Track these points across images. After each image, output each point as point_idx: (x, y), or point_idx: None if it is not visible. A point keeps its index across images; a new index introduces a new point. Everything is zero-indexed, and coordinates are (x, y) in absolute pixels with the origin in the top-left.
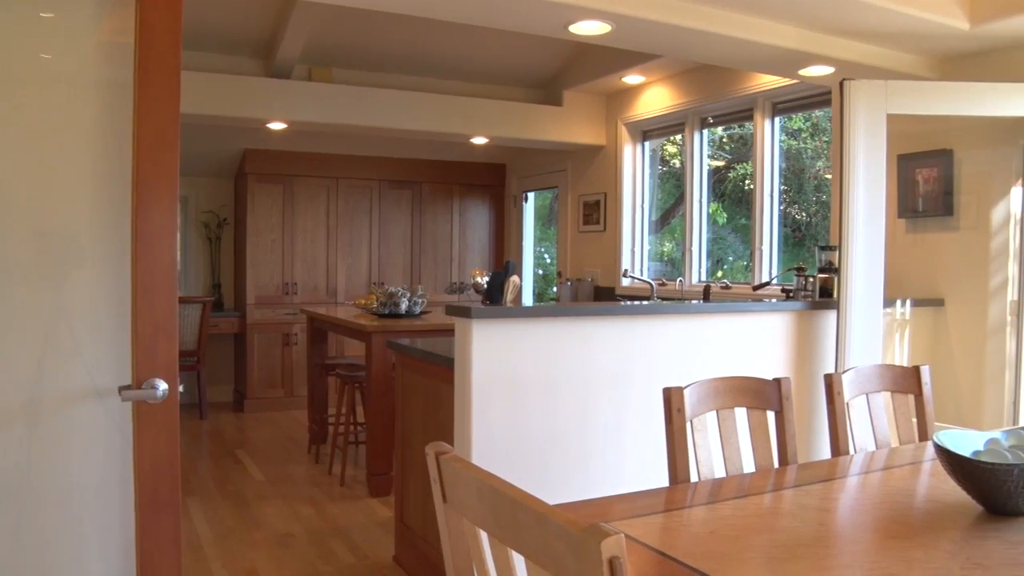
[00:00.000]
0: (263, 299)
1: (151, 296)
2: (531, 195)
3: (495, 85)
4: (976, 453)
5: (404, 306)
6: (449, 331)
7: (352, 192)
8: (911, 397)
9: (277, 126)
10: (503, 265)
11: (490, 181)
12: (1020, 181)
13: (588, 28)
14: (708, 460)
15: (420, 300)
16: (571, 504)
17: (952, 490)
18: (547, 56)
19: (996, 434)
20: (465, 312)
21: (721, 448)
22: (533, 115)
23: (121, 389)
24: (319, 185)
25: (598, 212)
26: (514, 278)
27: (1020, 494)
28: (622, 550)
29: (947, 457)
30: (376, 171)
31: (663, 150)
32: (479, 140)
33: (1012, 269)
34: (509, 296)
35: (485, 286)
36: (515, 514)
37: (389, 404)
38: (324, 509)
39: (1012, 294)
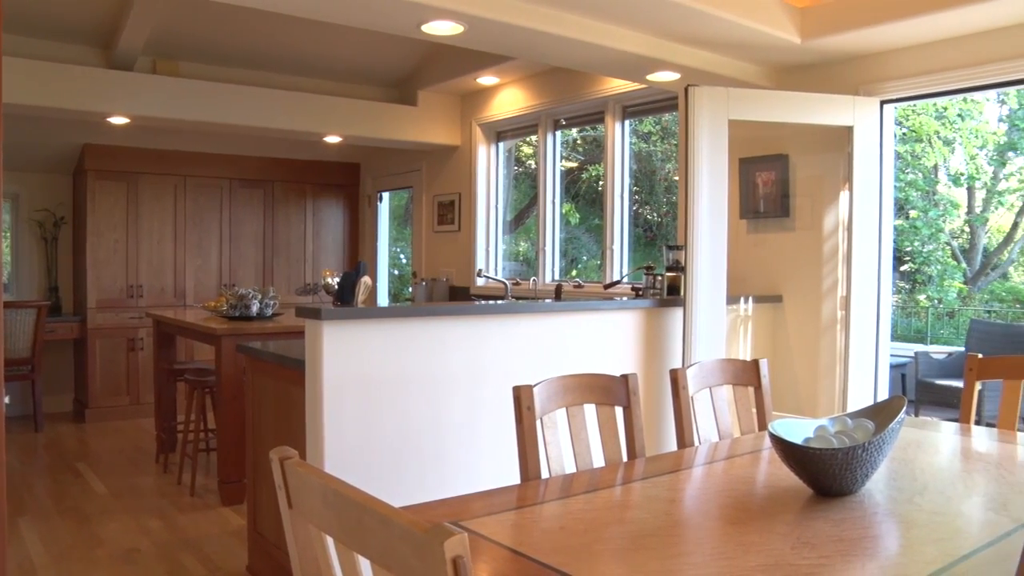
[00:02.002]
0: (106, 303)
1: None
2: (386, 195)
3: (349, 83)
4: (806, 440)
5: (255, 308)
6: (302, 333)
7: (201, 191)
8: (751, 389)
9: (119, 120)
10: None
11: (344, 181)
12: (847, 186)
13: (441, 28)
14: (559, 456)
15: (272, 302)
16: (424, 504)
17: (786, 476)
18: (402, 55)
19: (824, 421)
20: (315, 314)
21: (571, 444)
22: (387, 114)
23: None
24: (166, 183)
25: (453, 212)
26: (365, 279)
27: (844, 476)
28: (465, 549)
29: (780, 445)
30: (226, 169)
31: (519, 151)
32: (333, 139)
33: (842, 269)
34: (360, 297)
35: (336, 287)
36: (360, 518)
37: (240, 409)
38: (173, 521)
39: (842, 291)
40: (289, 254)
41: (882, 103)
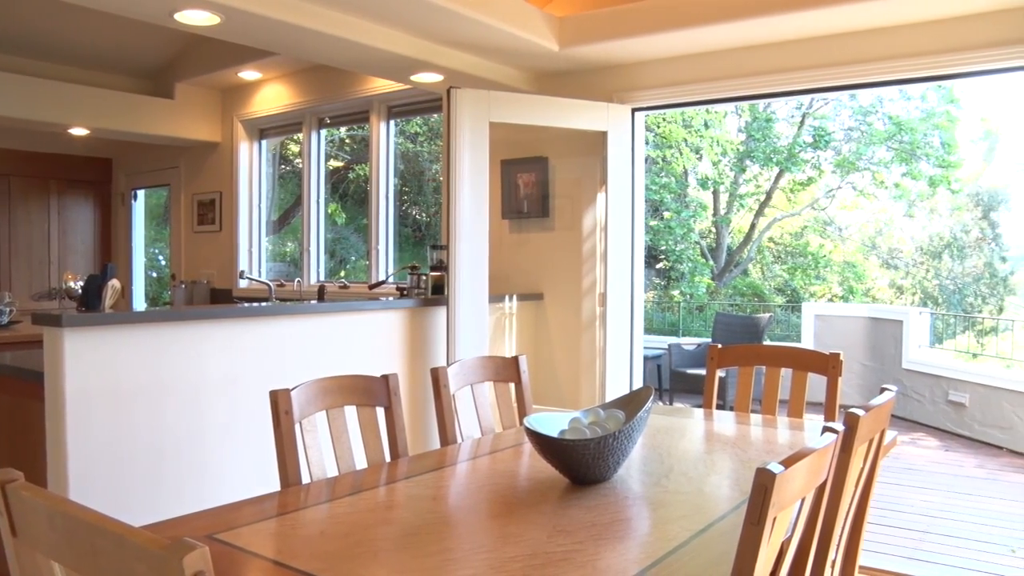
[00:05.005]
0: None
1: None
2: (141, 193)
3: (96, 72)
4: (561, 432)
5: None
6: (42, 342)
7: None
8: (512, 385)
9: None
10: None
11: (94, 177)
12: (604, 188)
13: (195, 18)
14: (320, 460)
15: (7, 309)
16: (179, 519)
17: (545, 468)
18: (156, 44)
19: (577, 413)
20: (55, 320)
21: (332, 447)
22: (141, 107)
23: None
24: None
25: (214, 211)
26: (113, 282)
27: (597, 465)
28: (207, 564)
29: (535, 438)
30: None
31: (287, 149)
32: (79, 131)
33: (600, 267)
34: (108, 302)
35: (80, 291)
36: (91, 540)
37: None
38: None
39: (600, 288)
40: (31, 256)
41: (633, 110)
